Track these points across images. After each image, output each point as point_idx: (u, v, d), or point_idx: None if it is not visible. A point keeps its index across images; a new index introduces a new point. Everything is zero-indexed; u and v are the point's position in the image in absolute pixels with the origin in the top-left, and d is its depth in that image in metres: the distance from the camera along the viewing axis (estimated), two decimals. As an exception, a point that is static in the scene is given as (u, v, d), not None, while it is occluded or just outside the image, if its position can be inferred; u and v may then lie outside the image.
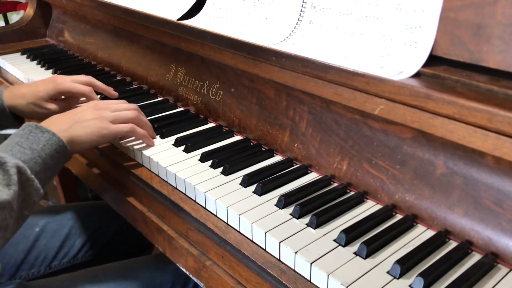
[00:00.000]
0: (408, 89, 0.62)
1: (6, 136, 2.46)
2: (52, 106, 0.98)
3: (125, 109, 0.88)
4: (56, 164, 0.76)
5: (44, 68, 1.34)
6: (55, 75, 1.10)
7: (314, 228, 0.66)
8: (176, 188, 0.80)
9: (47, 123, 0.79)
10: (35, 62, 1.39)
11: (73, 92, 0.98)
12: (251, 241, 0.67)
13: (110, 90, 1.05)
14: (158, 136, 0.92)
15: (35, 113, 0.98)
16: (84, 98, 1.02)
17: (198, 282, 0.73)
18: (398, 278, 0.57)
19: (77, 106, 1.02)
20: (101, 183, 0.95)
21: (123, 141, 0.91)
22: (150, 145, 0.89)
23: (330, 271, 0.58)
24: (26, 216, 0.70)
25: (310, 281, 0.60)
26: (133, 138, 0.91)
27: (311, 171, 0.80)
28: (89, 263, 1.12)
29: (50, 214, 1.14)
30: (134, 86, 1.20)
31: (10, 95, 0.97)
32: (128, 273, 0.93)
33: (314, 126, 0.80)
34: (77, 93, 0.99)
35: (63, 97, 1.01)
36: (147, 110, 1.03)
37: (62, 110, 0.97)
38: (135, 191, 0.86)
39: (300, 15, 0.83)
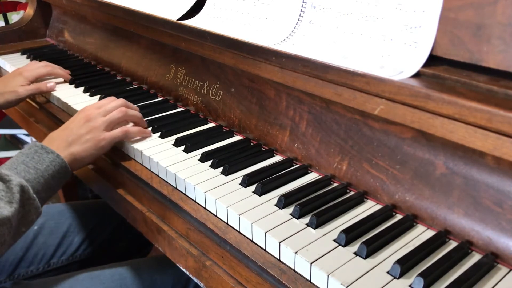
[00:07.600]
0: (408, 89, 0.62)
1: (5, 136, 2.46)
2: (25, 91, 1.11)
3: (113, 108, 0.90)
4: (56, 184, 0.79)
5: (44, 68, 1.34)
6: (19, 68, 1.17)
7: (314, 228, 0.66)
8: (176, 188, 0.80)
9: (49, 143, 0.82)
10: (35, 62, 1.39)
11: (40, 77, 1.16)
12: (251, 241, 0.67)
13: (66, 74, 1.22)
14: (158, 136, 0.92)
15: (9, 104, 1.11)
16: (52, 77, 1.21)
17: (198, 282, 0.73)
18: (398, 278, 0.57)
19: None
20: (101, 183, 0.95)
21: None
22: (147, 136, 0.92)
23: (330, 271, 0.58)
24: (23, 232, 0.73)
25: (310, 281, 0.60)
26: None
27: (311, 171, 0.80)
28: (87, 261, 1.13)
29: (48, 212, 1.14)
30: (134, 86, 1.20)
31: None
32: (128, 275, 0.94)
33: (314, 126, 0.80)
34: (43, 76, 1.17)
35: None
36: (147, 110, 1.03)
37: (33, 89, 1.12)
38: (135, 191, 0.86)
39: (300, 15, 0.83)
